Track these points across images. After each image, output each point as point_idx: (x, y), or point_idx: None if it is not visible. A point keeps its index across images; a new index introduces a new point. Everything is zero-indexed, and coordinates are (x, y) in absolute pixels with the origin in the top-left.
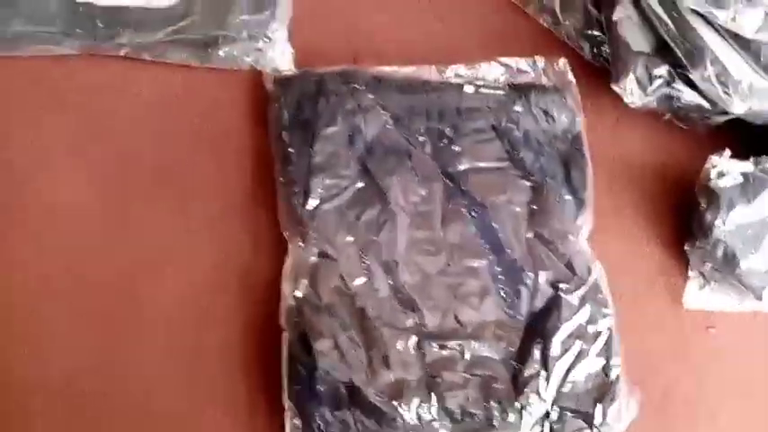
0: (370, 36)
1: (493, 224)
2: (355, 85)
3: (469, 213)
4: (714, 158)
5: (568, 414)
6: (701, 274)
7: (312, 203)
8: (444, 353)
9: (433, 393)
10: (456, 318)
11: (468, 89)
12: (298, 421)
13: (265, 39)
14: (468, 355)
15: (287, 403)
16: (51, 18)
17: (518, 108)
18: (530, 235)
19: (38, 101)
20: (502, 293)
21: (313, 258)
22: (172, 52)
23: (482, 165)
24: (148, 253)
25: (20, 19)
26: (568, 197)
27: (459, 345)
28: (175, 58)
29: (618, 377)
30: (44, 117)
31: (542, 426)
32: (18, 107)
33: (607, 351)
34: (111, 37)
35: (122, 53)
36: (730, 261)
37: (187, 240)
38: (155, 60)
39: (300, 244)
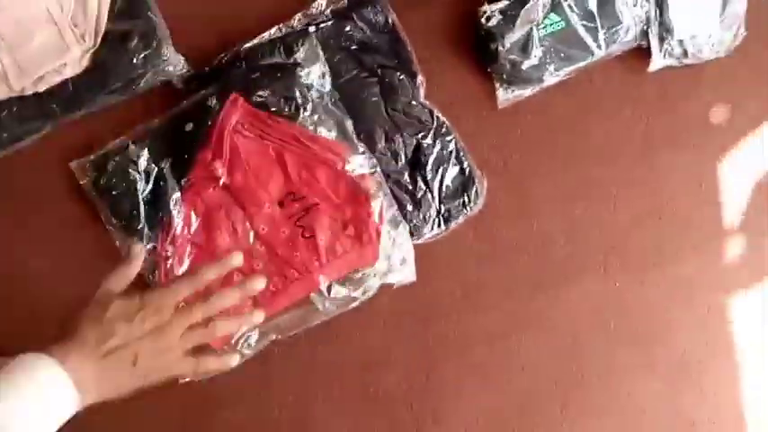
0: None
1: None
2: None
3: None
4: (481, 9)
5: (451, 205)
6: (502, 82)
7: None
8: None
9: None
10: None
11: (312, 29)
12: None
13: (163, 60)
14: None
15: None
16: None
17: (348, 28)
18: (389, 112)
19: None
20: (389, 157)
21: None
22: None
23: (342, 79)
24: None
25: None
26: (402, 76)
27: None
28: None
29: (470, 171)
30: None
31: (438, 218)
32: None
33: (458, 159)
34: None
35: (79, 116)
36: (515, 67)
37: None
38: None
39: None
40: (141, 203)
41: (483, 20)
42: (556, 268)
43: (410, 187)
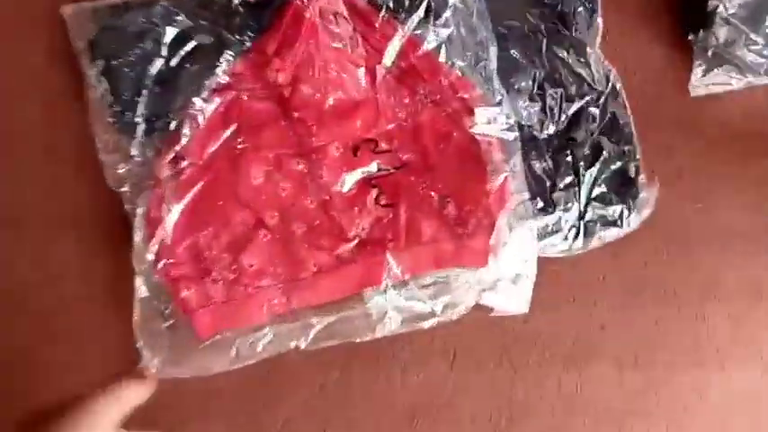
0: None
1: (512, 51)
2: None
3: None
4: None
5: (600, 213)
6: (705, 60)
7: None
8: None
9: None
10: None
11: None
12: None
13: None
14: None
15: None
16: None
17: None
18: (553, 51)
19: None
20: (533, 116)
21: None
22: None
23: None
24: None
25: None
26: (580, 9)
27: None
28: None
29: (638, 172)
30: None
31: (578, 225)
32: None
33: (627, 152)
34: None
35: None
36: (732, 43)
37: None
38: None
39: None
40: (148, 90)
41: None
42: (708, 345)
43: (551, 170)
